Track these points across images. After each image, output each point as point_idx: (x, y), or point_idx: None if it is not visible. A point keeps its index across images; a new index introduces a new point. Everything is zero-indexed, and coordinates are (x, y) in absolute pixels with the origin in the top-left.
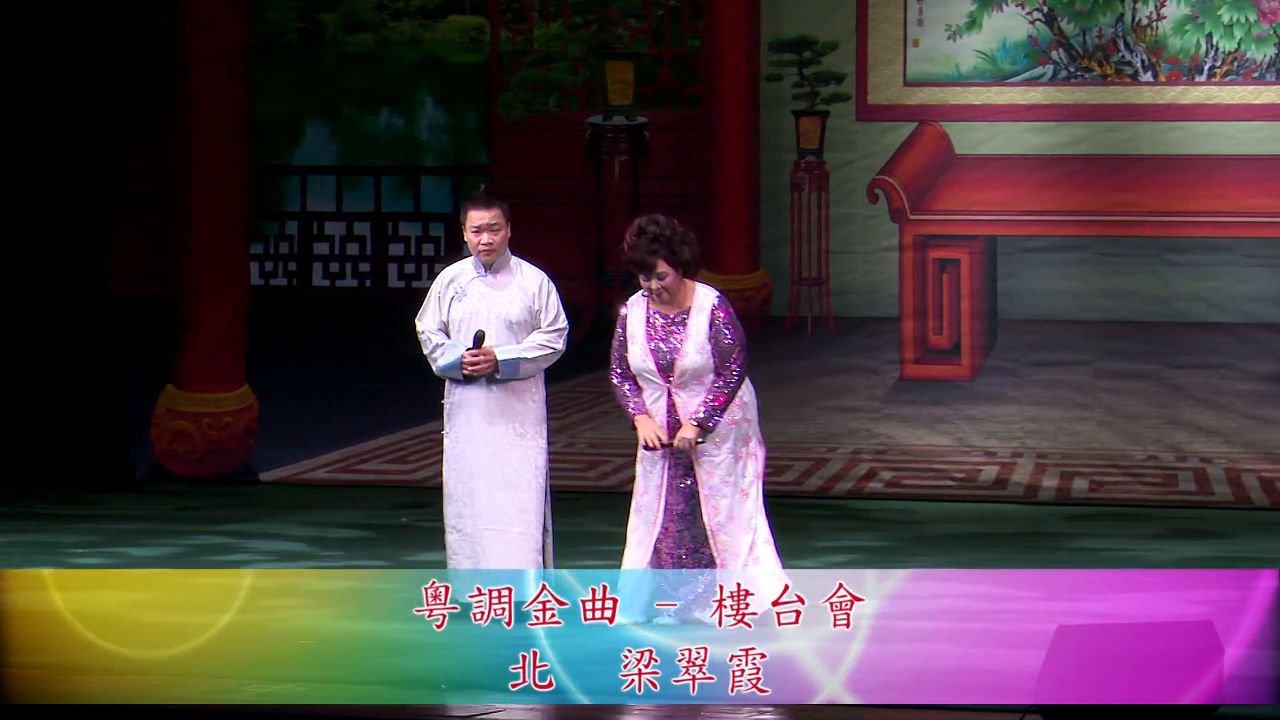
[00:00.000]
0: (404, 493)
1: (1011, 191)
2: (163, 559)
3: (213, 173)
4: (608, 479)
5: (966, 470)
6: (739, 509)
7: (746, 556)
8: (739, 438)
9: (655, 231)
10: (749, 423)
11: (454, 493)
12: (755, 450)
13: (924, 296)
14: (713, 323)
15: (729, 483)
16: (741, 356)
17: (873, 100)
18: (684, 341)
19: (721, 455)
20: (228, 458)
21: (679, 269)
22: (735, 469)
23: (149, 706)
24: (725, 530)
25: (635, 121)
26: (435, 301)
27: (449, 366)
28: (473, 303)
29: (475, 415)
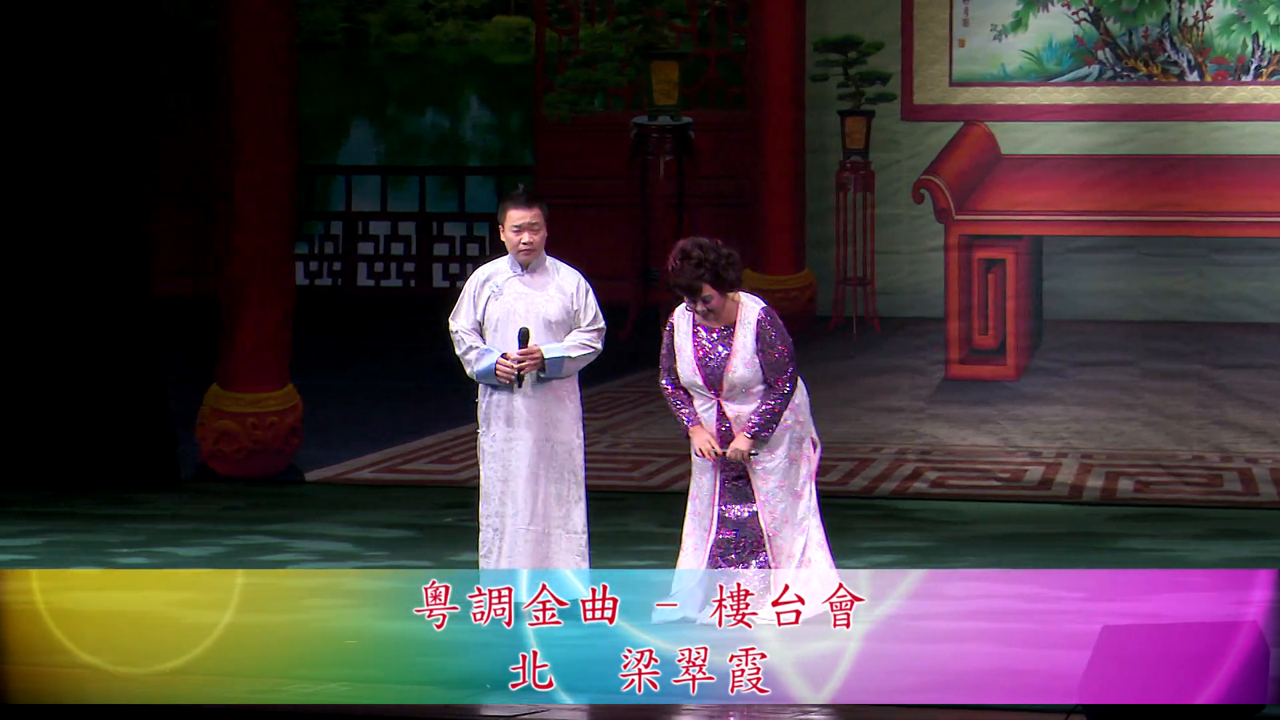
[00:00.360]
0: (448, 493)
1: (1057, 191)
2: (207, 559)
3: (258, 173)
4: (652, 479)
5: (1011, 470)
6: (792, 511)
7: (800, 558)
8: (793, 440)
9: (700, 256)
10: (801, 425)
11: (492, 493)
12: (808, 452)
13: (969, 296)
14: (759, 336)
15: (783, 487)
16: (791, 366)
17: (918, 100)
18: (731, 356)
19: (775, 461)
20: (272, 457)
21: (724, 289)
22: (790, 472)
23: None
24: (780, 535)
25: (680, 121)
26: (469, 300)
27: (484, 373)
28: (510, 302)
29: (515, 416)
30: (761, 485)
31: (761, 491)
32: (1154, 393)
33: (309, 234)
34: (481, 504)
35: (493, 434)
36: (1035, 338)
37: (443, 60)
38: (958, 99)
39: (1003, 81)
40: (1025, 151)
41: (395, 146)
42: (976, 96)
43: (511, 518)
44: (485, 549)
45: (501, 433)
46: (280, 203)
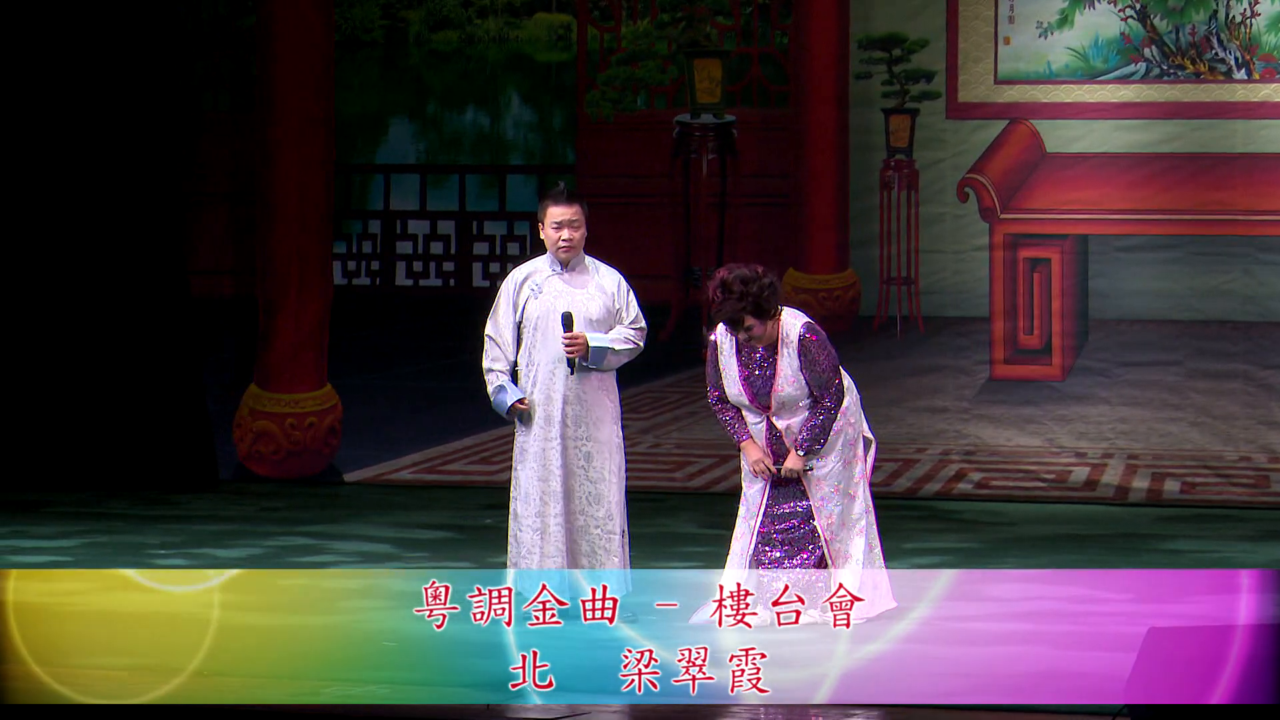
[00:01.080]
0: (488, 494)
1: (1103, 190)
2: (246, 560)
3: (296, 171)
4: (694, 480)
5: (1057, 471)
6: (848, 514)
7: (864, 557)
8: (845, 443)
9: (741, 290)
10: (853, 427)
11: (532, 494)
12: (860, 452)
13: (1014, 296)
14: (803, 353)
15: (838, 491)
16: (836, 380)
17: (963, 98)
18: (776, 376)
19: (828, 466)
20: (311, 458)
21: (764, 319)
22: (843, 475)
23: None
24: (838, 538)
25: (723, 120)
26: (507, 301)
27: (498, 405)
28: (550, 300)
29: (554, 415)
30: (816, 490)
31: (816, 496)
32: (1201, 393)
33: (347, 233)
34: (519, 505)
35: (533, 434)
36: (1081, 338)
37: (483, 58)
38: (1003, 97)
39: (1048, 79)
40: (1071, 150)
41: (435, 145)
42: (1022, 94)
43: (555, 518)
44: (525, 550)
45: (542, 432)
46: (319, 202)
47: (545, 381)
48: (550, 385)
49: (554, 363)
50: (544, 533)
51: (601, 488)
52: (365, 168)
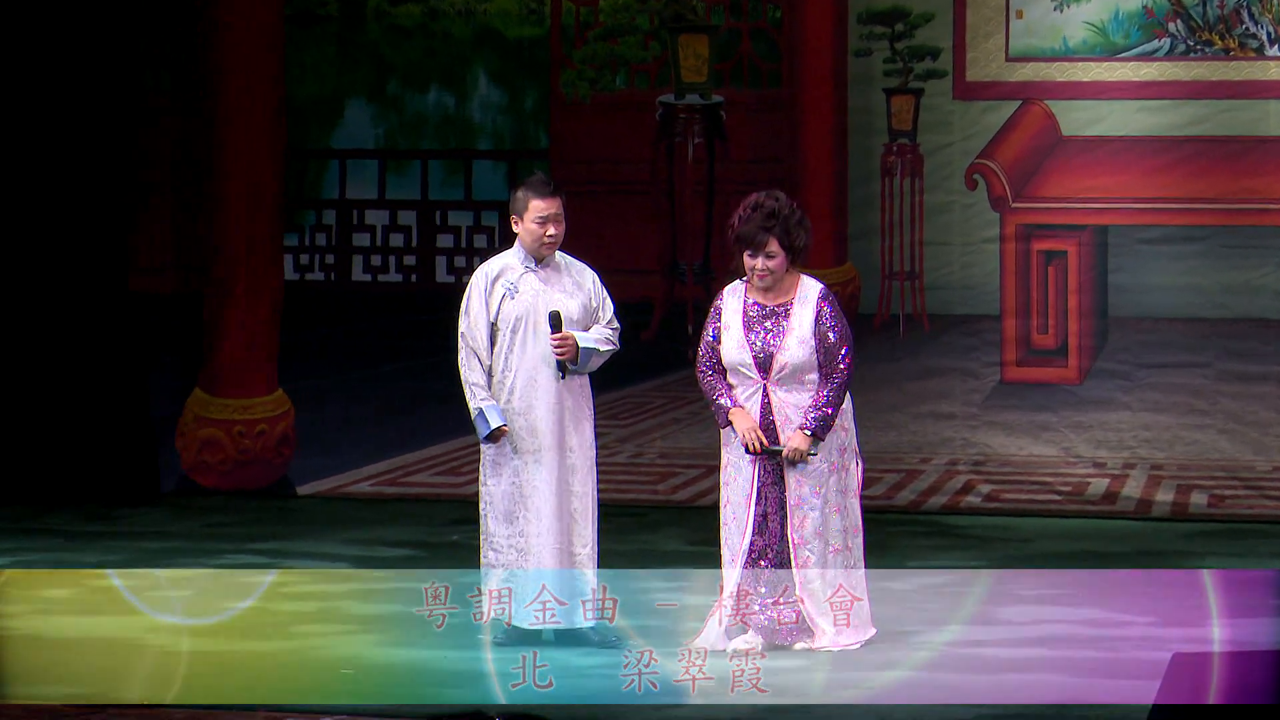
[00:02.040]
0: (455, 507)
1: (1124, 177)
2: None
3: (244, 158)
4: (679, 493)
5: (1073, 483)
6: (827, 526)
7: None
8: (835, 447)
9: (773, 207)
10: (846, 432)
11: (514, 511)
12: (849, 463)
13: (1027, 292)
14: (819, 317)
15: (818, 494)
16: (849, 356)
17: (972, 77)
18: (786, 335)
19: (815, 464)
20: (262, 469)
21: (790, 253)
22: (827, 481)
23: None
24: (809, 546)
25: (711, 101)
26: (480, 300)
27: (477, 427)
28: (528, 300)
29: (538, 425)
30: (795, 488)
31: (794, 494)
32: (1230, 397)
33: (300, 224)
34: (495, 524)
35: (512, 445)
36: (1100, 337)
37: (448, 33)
38: (1015, 75)
39: (1064, 56)
40: (1089, 133)
41: (395, 128)
42: (1035, 73)
43: (537, 537)
44: (506, 574)
45: (522, 443)
46: (269, 190)
47: (525, 389)
48: (531, 393)
49: (535, 369)
50: (526, 554)
51: (586, 503)
52: (320, 153)
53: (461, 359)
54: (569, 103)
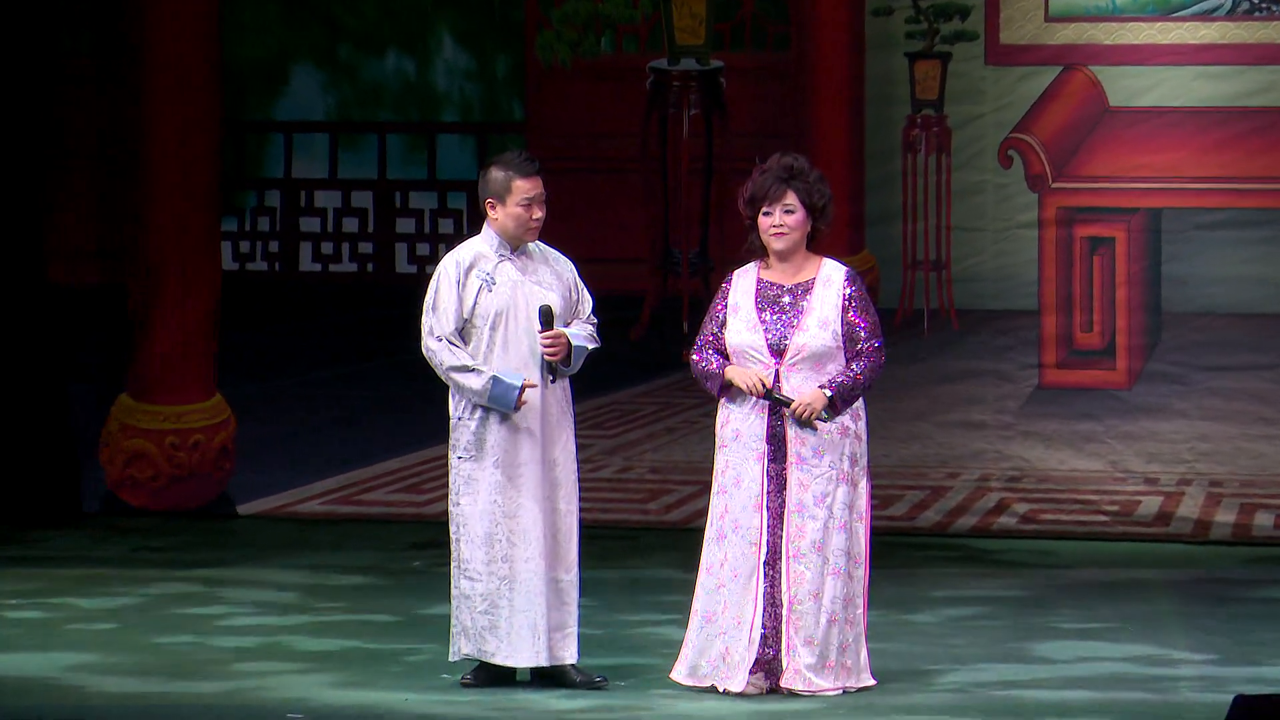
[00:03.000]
0: (417, 529)
1: (1179, 153)
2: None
3: (176, 130)
4: (672, 513)
5: (1121, 502)
6: (827, 543)
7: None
8: (846, 454)
9: (791, 163)
10: (860, 441)
11: (496, 534)
12: (859, 479)
13: (1069, 285)
14: (846, 303)
15: (822, 504)
16: (878, 342)
17: (1006, 39)
18: (805, 315)
19: (821, 468)
20: (198, 485)
21: (810, 213)
22: (833, 490)
23: None
24: (805, 560)
25: (709, 67)
26: (450, 292)
27: (499, 400)
28: (507, 293)
29: (522, 438)
30: (798, 491)
31: (795, 499)
32: None
33: (240, 207)
34: (471, 548)
35: (493, 458)
36: (1152, 336)
37: None
38: (1055, 38)
39: (1112, 16)
40: (1139, 103)
41: (348, 98)
42: (1079, 34)
43: (525, 562)
44: (486, 604)
45: (504, 457)
46: (204, 168)
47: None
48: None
49: (519, 370)
50: (512, 582)
51: (571, 523)
52: (262, 126)
53: (433, 350)
54: (547, 69)
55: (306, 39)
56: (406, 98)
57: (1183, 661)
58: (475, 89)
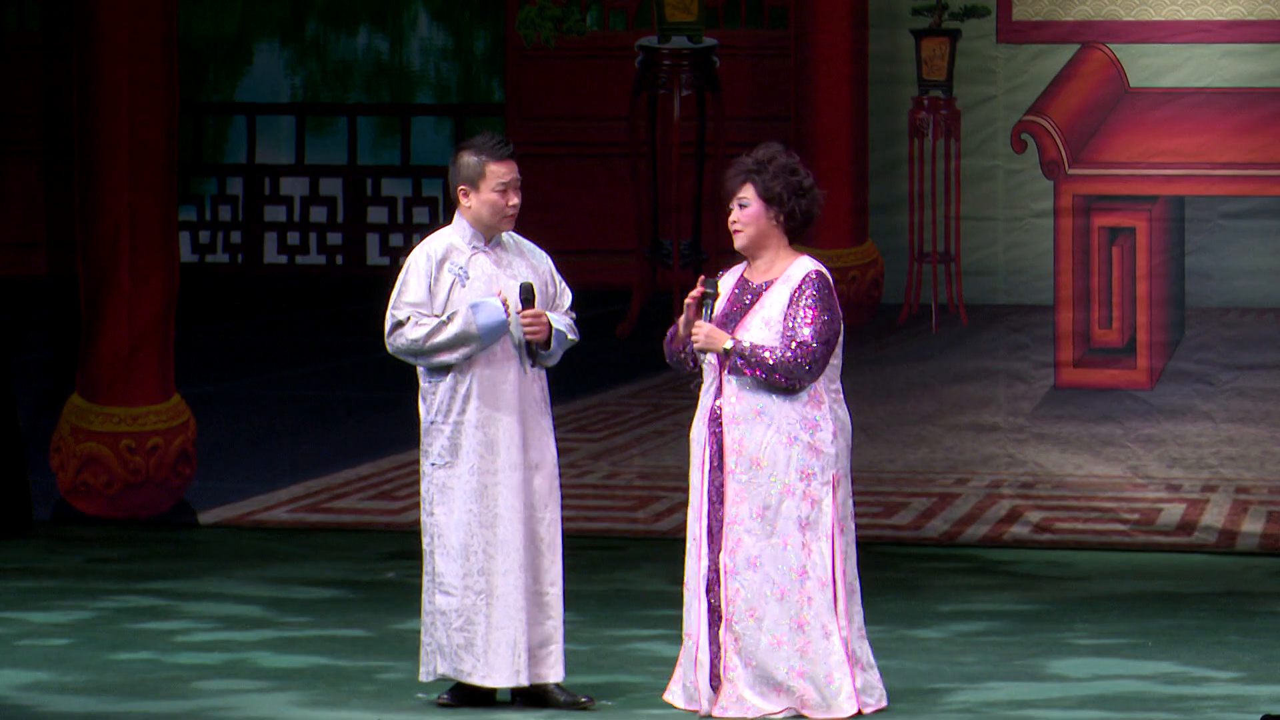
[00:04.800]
0: (389, 539)
1: (1204, 137)
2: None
3: (129, 112)
4: (661, 521)
5: (1142, 510)
6: (765, 558)
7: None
8: (793, 466)
9: (760, 154)
10: (818, 454)
11: (472, 544)
12: (818, 494)
13: (1087, 278)
14: (794, 297)
15: (760, 518)
16: (812, 344)
17: (1019, 15)
18: (751, 312)
19: (760, 480)
20: (155, 492)
21: (767, 206)
22: (773, 504)
23: None
24: (739, 577)
25: (701, 45)
26: (421, 285)
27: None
28: (481, 287)
29: (499, 437)
30: (732, 503)
31: (730, 510)
32: None
33: (199, 195)
34: (446, 561)
35: (468, 465)
36: (1175, 332)
37: None
38: (1072, 13)
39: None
40: (1162, 84)
41: (315, 77)
42: (1097, 9)
43: (503, 575)
44: (462, 620)
45: (481, 463)
46: (159, 153)
47: (485, 395)
48: (493, 400)
49: (497, 370)
50: (489, 596)
51: (554, 533)
52: (222, 107)
53: (400, 332)
54: (528, 47)
55: (271, 14)
56: (378, 78)
57: (1207, 680)
58: (452, 68)
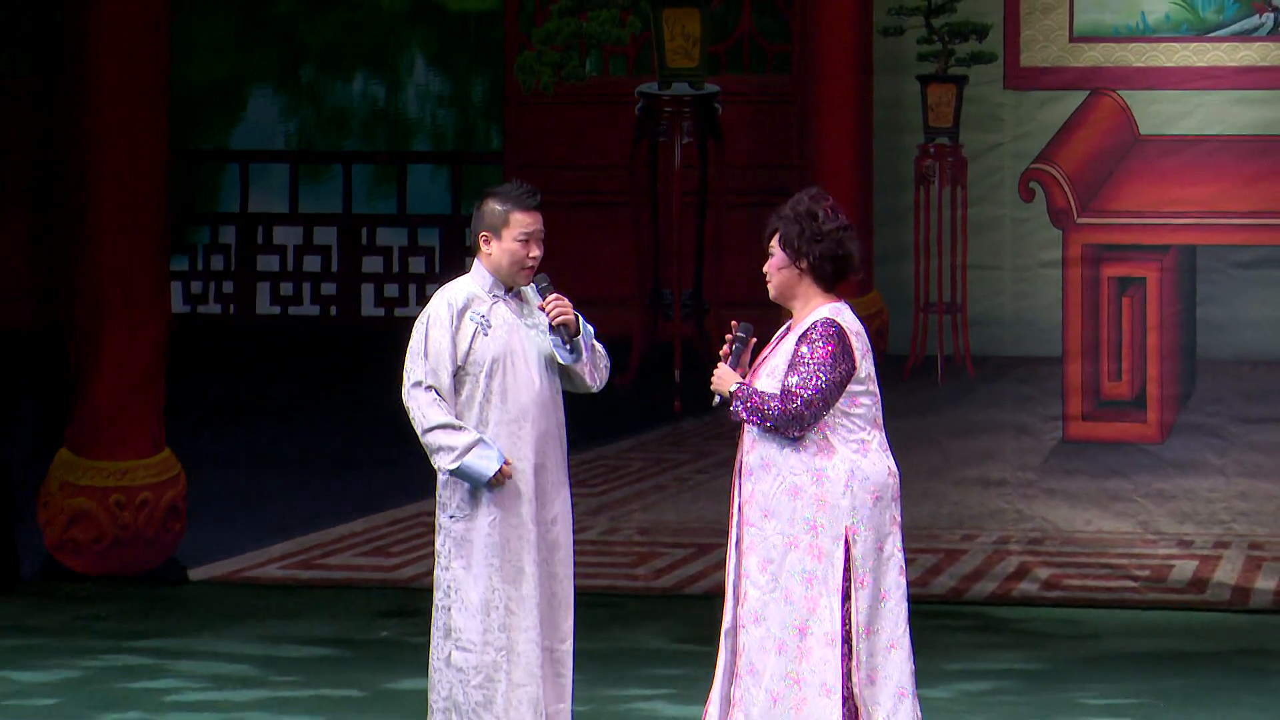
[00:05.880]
0: (384, 596)
1: (1216, 186)
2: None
3: (122, 160)
4: (662, 579)
5: (1153, 566)
6: (771, 612)
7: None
8: (798, 517)
9: (794, 199)
10: (823, 506)
11: (494, 601)
12: (826, 546)
13: (1096, 329)
14: (796, 345)
15: (765, 571)
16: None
17: (1027, 62)
18: (764, 362)
19: (767, 531)
20: (146, 549)
21: (787, 255)
22: (777, 557)
23: None
24: (745, 631)
25: (703, 91)
26: (444, 336)
27: (472, 470)
28: (503, 337)
29: (524, 490)
30: (746, 554)
31: (744, 563)
32: None
33: (191, 244)
34: (465, 617)
35: (489, 518)
36: (1186, 384)
37: (378, 7)
38: (1081, 59)
39: (1143, 36)
40: (1173, 131)
41: (310, 124)
42: (1106, 55)
43: (524, 632)
44: (481, 678)
45: (504, 518)
46: (152, 201)
47: (506, 448)
48: (514, 452)
49: (518, 422)
50: (510, 653)
51: (568, 588)
52: (216, 155)
53: (417, 401)
54: (527, 93)
55: (265, 60)
56: (374, 125)
57: None
58: (449, 115)
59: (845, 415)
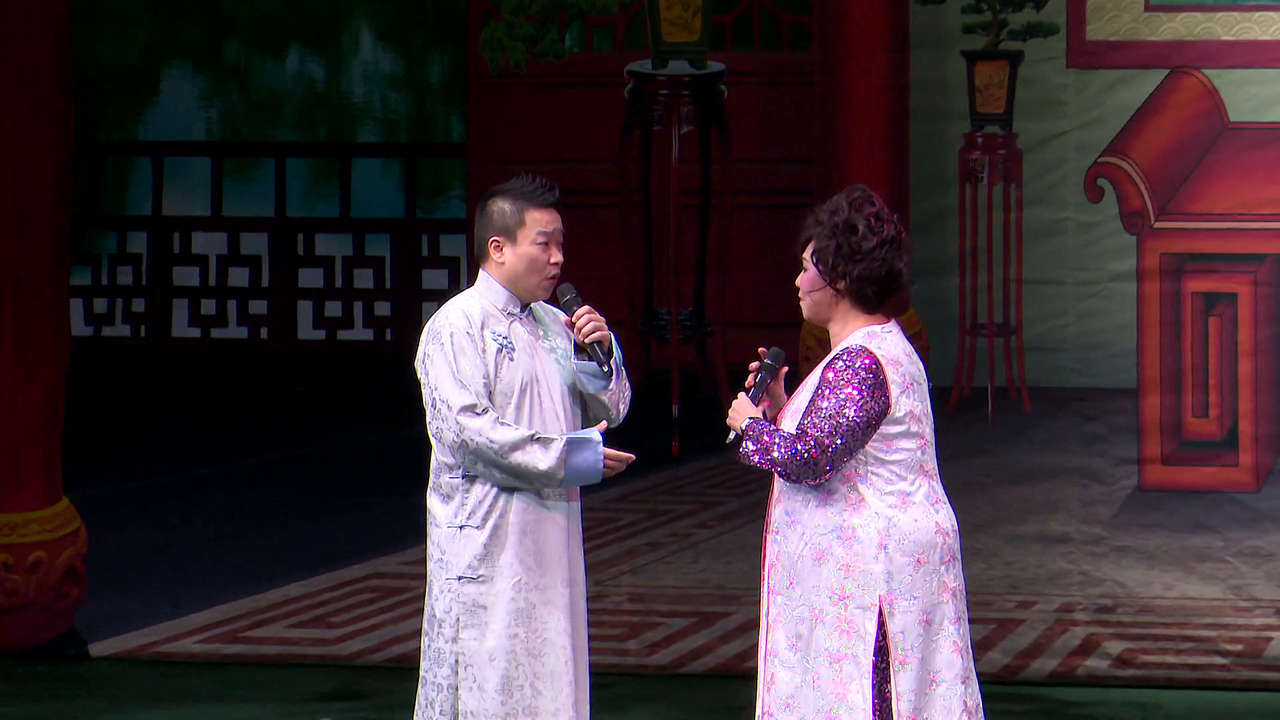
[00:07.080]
0: (324, 674)
1: None
2: None
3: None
4: (657, 653)
5: (1246, 639)
6: (805, 698)
7: None
8: (823, 586)
9: (831, 213)
10: (847, 573)
11: (517, 676)
12: (858, 619)
13: (1178, 355)
14: (819, 379)
15: (795, 649)
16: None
17: (1094, 34)
18: (791, 398)
19: (794, 601)
20: (38, 618)
21: (828, 278)
22: (805, 633)
23: None
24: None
25: (705, 70)
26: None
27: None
28: (526, 359)
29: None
30: (770, 629)
31: (769, 639)
32: None
33: (95, 253)
34: (480, 698)
35: (511, 579)
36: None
37: None
38: (1159, 32)
39: (1230, 4)
40: (1269, 118)
41: (236, 111)
42: (1189, 27)
43: (552, 715)
44: None
45: (530, 579)
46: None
47: (534, 495)
48: (541, 496)
49: None
50: None
51: (585, 659)
52: (124, 147)
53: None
54: (495, 73)
55: (182, 34)
56: (312, 111)
57: None
58: (402, 100)
59: (880, 462)
